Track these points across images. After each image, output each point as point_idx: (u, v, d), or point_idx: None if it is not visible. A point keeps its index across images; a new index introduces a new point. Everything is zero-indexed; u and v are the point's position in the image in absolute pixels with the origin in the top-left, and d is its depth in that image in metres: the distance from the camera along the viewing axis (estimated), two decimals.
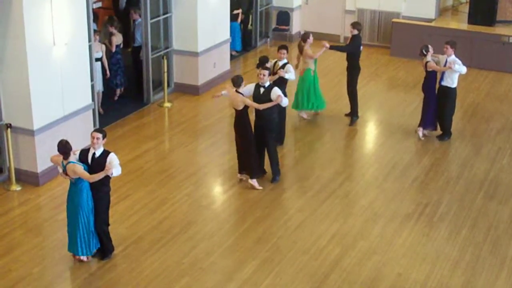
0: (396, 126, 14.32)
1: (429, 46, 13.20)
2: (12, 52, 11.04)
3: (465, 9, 19.18)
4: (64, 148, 9.05)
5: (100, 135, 9.23)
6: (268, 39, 19.82)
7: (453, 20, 19.18)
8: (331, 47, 14.02)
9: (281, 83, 12.55)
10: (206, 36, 15.65)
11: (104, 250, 9.63)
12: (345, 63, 14.27)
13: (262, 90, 11.44)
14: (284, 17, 19.91)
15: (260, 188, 11.58)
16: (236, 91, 11.26)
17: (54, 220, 10.62)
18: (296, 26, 20.14)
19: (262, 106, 11.27)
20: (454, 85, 13.11)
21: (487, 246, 10.14)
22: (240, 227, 10.56)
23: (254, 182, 11.57)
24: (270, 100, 11.34)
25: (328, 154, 13.00)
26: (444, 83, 13.12)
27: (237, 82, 11.27)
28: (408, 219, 10.82)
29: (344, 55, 14.30)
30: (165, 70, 14.98)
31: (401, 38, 18.43)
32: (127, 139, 13.48)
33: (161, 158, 12.77)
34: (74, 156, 9.22)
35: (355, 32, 13.97)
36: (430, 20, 18.76)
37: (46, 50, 11.34)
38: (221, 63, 16.40)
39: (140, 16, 15.10)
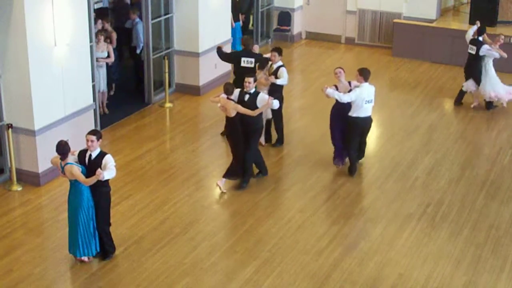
0: (397, 127, 14.32)
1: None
2: (13, 53, 11.04)
3: (466, 9, 19.19)
4: (62, 149, 9.05)
5: (94, 137, 9.19)
6: (270, 40, 19.81)
7: (454, 20, 19.18)
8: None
9: (277, 87, 12.56)
10: (207, 37, 15.65)
11: (105, 250, 9.62)
12: (344, 65, 14.30)
13: (247, 96, 11.33)
14: (285, 17, 19.90)
15: (224, 191, 11.49)
16: (228, 98, 11.22)
17: (55, 220, 10.62)
18: (297, 26, 20.13)
19: (255, 113, 11.19)
20: (350, 113, 11.91)
21: (488, 246, 10.14)
22: (241, 228, 10.56)
23: (222, 182, 11.53)
24: (255, 107, 11.24)
25: (329, 154, 12.97)
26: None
27: (229, 89, 11.25)
28: (410, 219, 10.82)
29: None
30: (166, 70, 14.99)
31: (403, 38, 18.43)
32: (128, 140, 13.48)
33: (162, 159, 12.77)
34: (73, 157, 9.23)
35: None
36: (431, 21, 18.76)
37: (47, 50, 11.34)
38: (222, 63, 16.35)
39: (138, 16, 15.24)
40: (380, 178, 12.14)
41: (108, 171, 9.07)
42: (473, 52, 14.77)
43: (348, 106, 11.78)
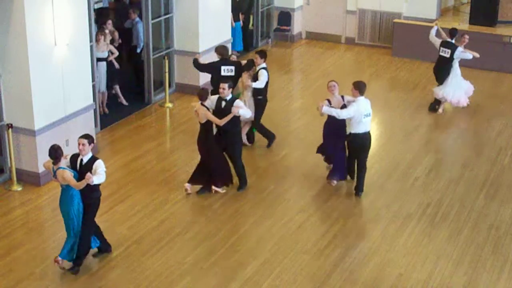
0: (397, 127, 14.33)
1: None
2: (13, 53, 11.04)
3: (466, 9, 19.20)
4: (55, 153, 8.95)
5: (85, 141, 9.06)
6: (270, 40, 19.82)
7: (454, 20, 19.17)
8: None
9: (258, 89, 12.47)
10: (207, 37, 15.65)
11: (77, 257, 9.32)
12: (344, 65, 14.28)
13: (223, 103, 11.11)
14: (285, 17, 19.90)
15: (224, 190, 11.46)
16: (202, 104, 11.04)
17: (55, 220, 10.61)
18: (297, 26, 20.14)
19: (222, 122, 10.98)
20: (349, 129, 11.48)
21: (488, 246, 10.14)
22: (241, 227, 10.56)
23: (218, 189, 11.43)
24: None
25: None
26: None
27: (203, 95, 11.06)
28: (410, 219, 10.82)
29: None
30: (167, 70, 15.00)
31: (403, 38, 18.44)
32: (128, 139, 13.48)
33: (163, 158, 12.77)
34: (65, 161, 9.12)
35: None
36: (431, 21, 18.73)
37: (48, 50, 11.34)
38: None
39: (138, 16, 15.29)
40: (380, 178, 12.14)
41: (98, 176, 8.92)
42: (447, 55, 14.57)
43: (342, 121, 11.33)
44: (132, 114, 14.63)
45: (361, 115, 11.05)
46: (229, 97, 11.13)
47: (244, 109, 11.17)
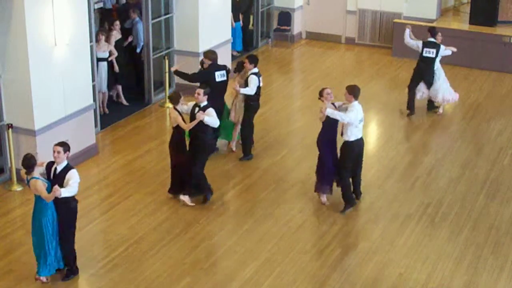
0: (397, 127, 14.32)
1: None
2: (13, 53, 11.04)
3: (467, 9, 19.19)
4: (28, 162, 8.71)
5: (61, 149, 8.76)
6: (270, 40, 19.82)
7: (455, 20, 19.18)
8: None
9: (249, 94, 12.28)
10: (207, 37, 15.65)
11: (68, 269, 9.21)
12: (344, 65, 14.29)
13: (197, 109, 10.90)
14: (285, 17, 19.89)
15: (193, 204, 11.11)
16: (174, 107, 10.90)
17: None
18: (298, 26, 20.13)
19: (188, 127, 10.79)
20: (347, 138, 10.91)
21: (488, 246, 10.14)
22: (241, 228, 10.56)
23: (185, 198, 11.12)
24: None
25: None
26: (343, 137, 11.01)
27: (174, 99, 10.93)
28: (410, 219, 10.82)
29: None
30: (166, 70, 15.00)
31: (403, 38, 18.39)
32: (128, 140, 13.48)
33: (163, 159, 12.75)
34: (41, 169, 8.93)
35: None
36: (431, 21, 18.75)
37: (48, 50, 11.34)
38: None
39: (137, 15, 15.29)
40: (380, 178, 12.14)
41: (68, 188, 8.65)
42: (432, 55, 14.42)
43: (336, 130, 10.90)
44: (132, 114, 14.63)
45: (357, 120, 10.74)
46: (204, 103, 10.89)
47: (211, 118, 10.79)
